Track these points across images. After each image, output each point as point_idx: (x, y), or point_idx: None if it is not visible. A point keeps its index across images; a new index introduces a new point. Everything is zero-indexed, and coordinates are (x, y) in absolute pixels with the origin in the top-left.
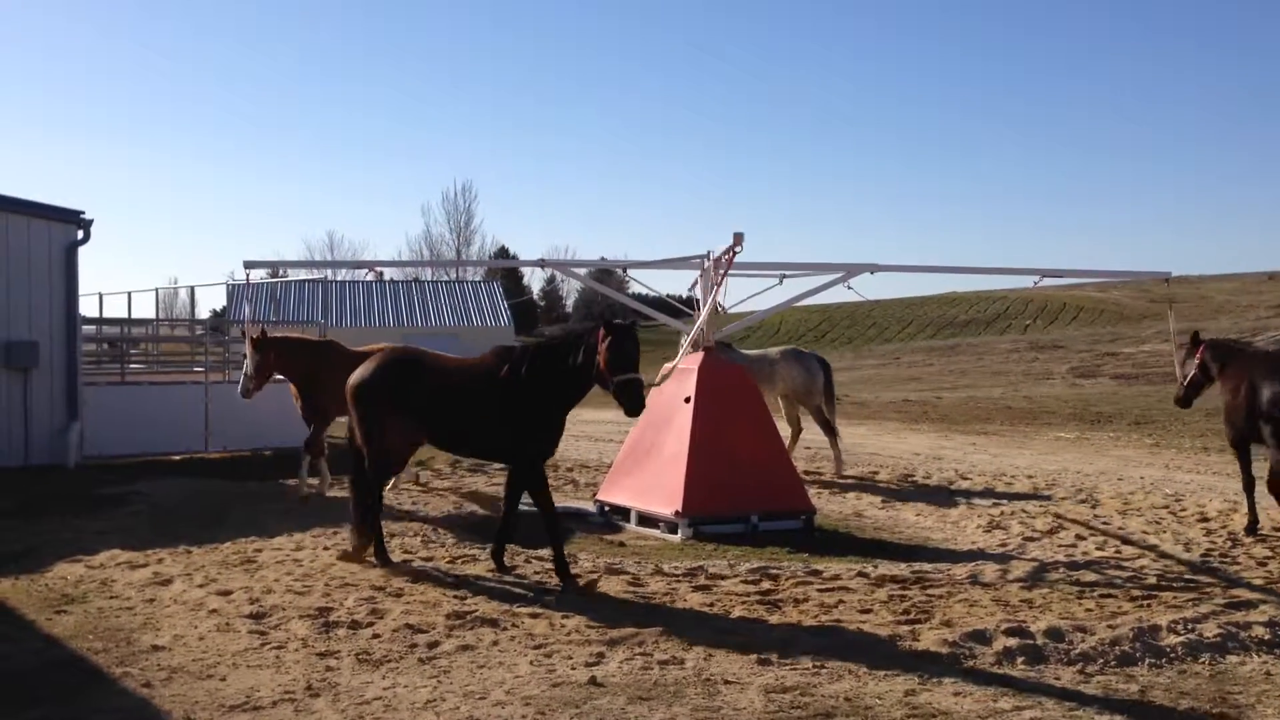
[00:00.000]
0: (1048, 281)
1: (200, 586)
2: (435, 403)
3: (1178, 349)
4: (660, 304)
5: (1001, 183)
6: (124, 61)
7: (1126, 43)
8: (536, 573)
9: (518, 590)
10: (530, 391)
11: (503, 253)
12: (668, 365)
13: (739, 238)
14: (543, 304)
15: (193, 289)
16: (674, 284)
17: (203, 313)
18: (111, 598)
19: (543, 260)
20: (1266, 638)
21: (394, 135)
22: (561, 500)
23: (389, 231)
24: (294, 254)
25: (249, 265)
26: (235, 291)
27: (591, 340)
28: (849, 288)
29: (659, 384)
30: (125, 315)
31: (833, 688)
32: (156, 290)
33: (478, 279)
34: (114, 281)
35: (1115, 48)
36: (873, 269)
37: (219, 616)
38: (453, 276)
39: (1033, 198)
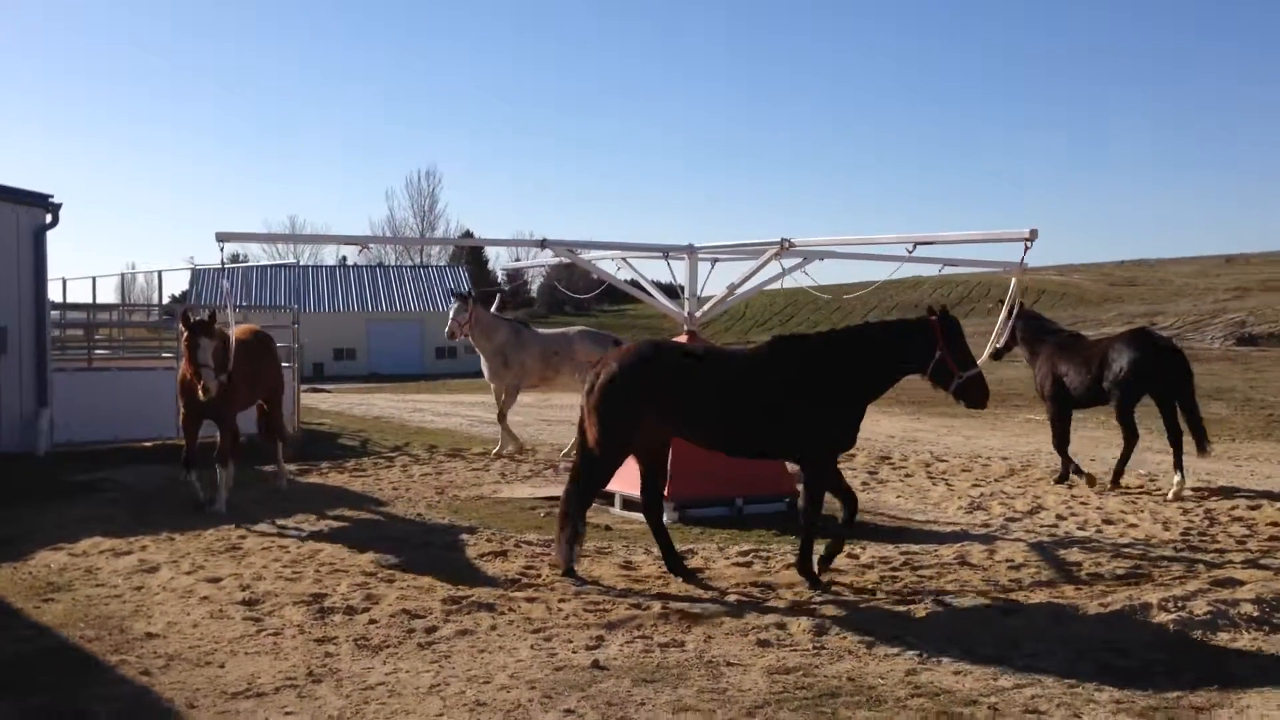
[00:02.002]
0: (922, 250)
1: (188, 574)
2: (709, 399)
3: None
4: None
5: (961, 165)
6: (80, 46)
7: (1085, 26)
8: (526, 556)
9: (512, 575)
10: (838, 382)
11: (467, 237)
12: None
13: None
14: (507, 288)
15: (160, 274)
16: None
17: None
18: (98, 585)
19: (545, 240)
20: (1255, 614)
21: (355, 119)
22: (543, 486)
23: (352, 216)
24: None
25: (222, 238)
26: (200, 276)
27: (927, 333)
28: (805, 274)
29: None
30: (90, 301)
31: (834, 668)
32: (122, 275)
33: (442, 264)
34: (69, 268)
35: (1074, 31)
36: (783, 243)
37: (211, 604)
38: (417, 261)
39: (995, 182)
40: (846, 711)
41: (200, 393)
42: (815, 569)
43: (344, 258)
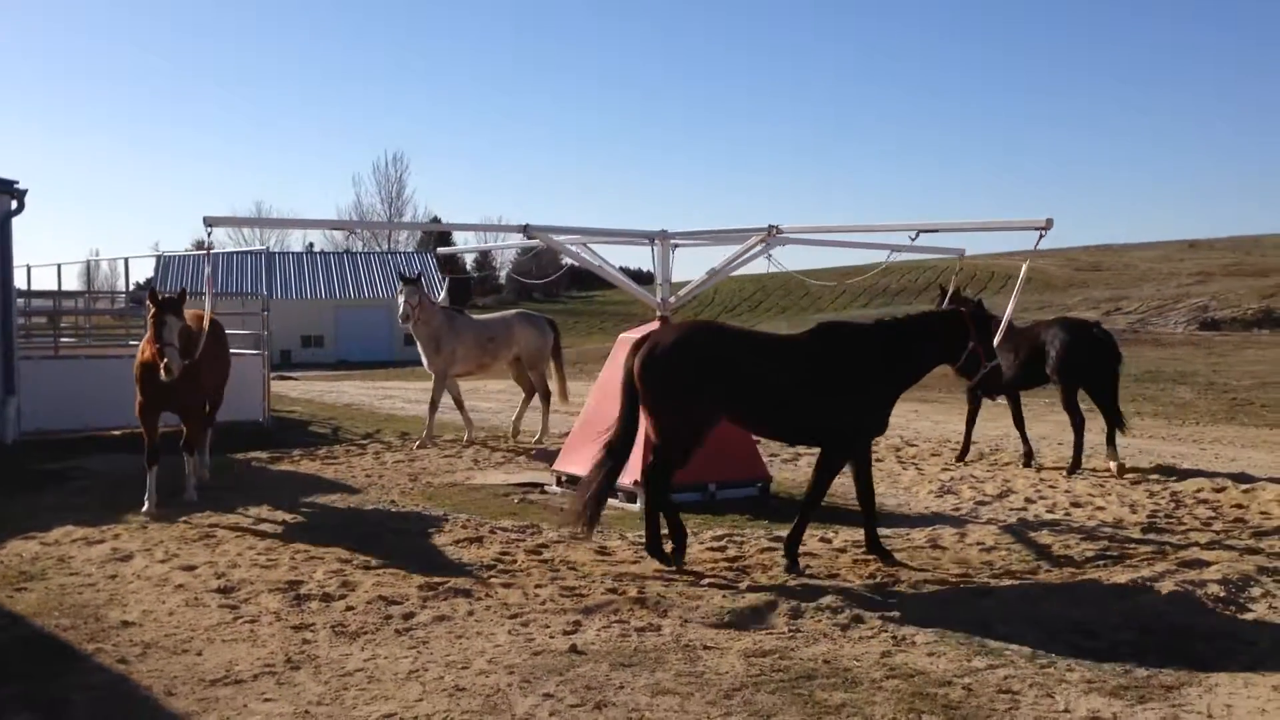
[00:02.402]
0: (924, 239)
1: (162, 562)
2: (764, 382)
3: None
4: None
5: (924, 153)
6: (42, 33)
7: (1044, 13)
8: (501, 542)
9: (488, 561)
10: (881, 370)
11: (435, 223)
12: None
13: None
14: (476, 276)
15: (126, 261)
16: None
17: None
18: (72, 574)
19: (526, 226)
20: (1222, 595)
21: (320, 104)
22: (517, 473)
23: (318, 202)
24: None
25: (210, 222)
26: (167, 263)
27: (964, 325)
28: (769, 259)
29: None
30: (55, 288)
31: (810, 650)
32: (87, 263)
33: (411, 250)
34: (34, 255)
35: (1034, 17)
36: (770, 231)
37: (186, 591)
38: (385, 248)
39: (956, 168)
40: (823, 693)
41: (162, 372)
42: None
43: (310, 244)
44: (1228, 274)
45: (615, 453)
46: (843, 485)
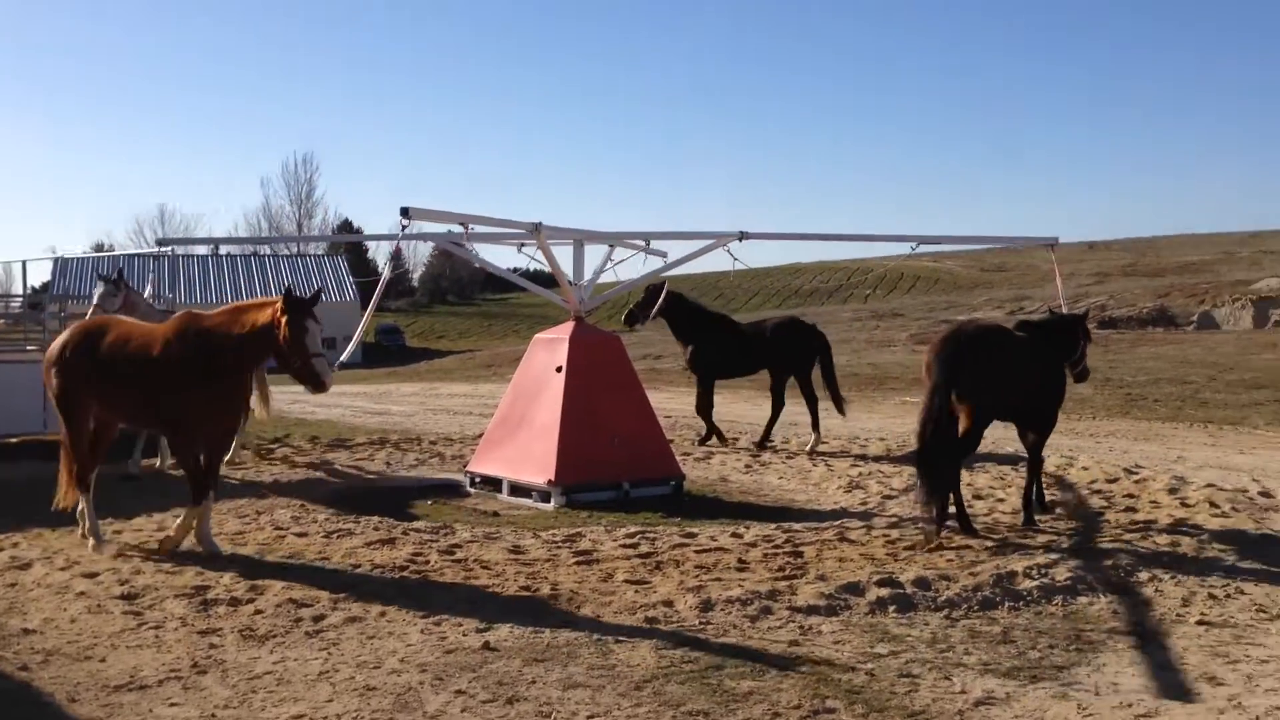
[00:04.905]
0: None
1: (62, 569)
2: (1014, 374)
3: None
4: (533, 276)
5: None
6: None
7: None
8: (414, 543)
9: (400, 562)
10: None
11: (346, 226)
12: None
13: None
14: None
15: (24, 264)
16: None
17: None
18: None
19: (466, 227)
20: (1113, 579)
21: (226, 103)
22: (429, 472)
23: (224, 204)
24: (122, 230)
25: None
26: (66, 266)
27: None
28: (729, 252)
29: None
30: None
31: (720, 642)
32: None
33: (320, 252)
34: None
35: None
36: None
37: (88, 599)
38: (294, 250)
39: (866, 173)
40: (731, 682)
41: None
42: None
43: (215, 246)
44: (1124, 274)
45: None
46: (755, 482)
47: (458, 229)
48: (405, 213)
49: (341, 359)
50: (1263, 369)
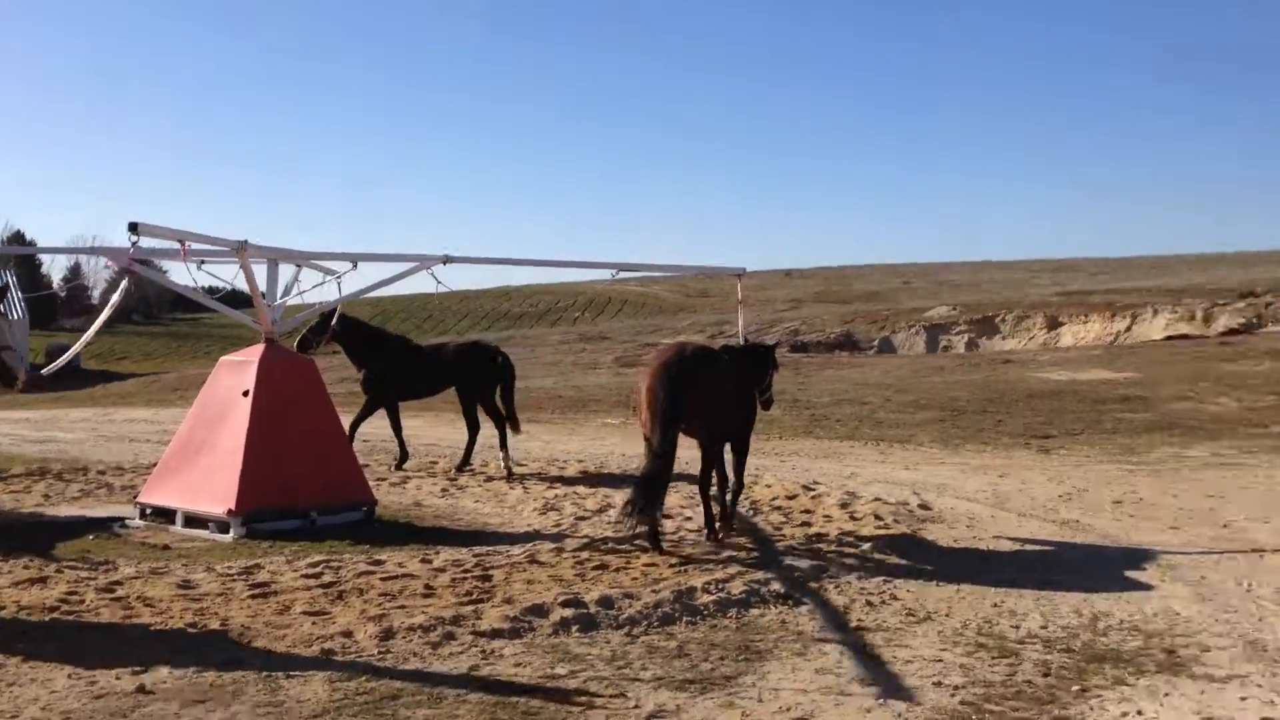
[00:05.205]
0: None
1: None
2: None
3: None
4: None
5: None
6: None
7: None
8: (69, 582)
9: (51, 602)
10: None
11: (18, 238)
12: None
13: None
14: (63, 295)
15: None
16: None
17: None
18: None
19: (184, 244)
20: (783, 591)
21: None
22: (95, 504)
23: None
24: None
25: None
26: None
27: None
28: (433, 275)
29: None
30: None
31: (399, 670)
32: None
33: None
34: None
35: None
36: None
37: None
38: None
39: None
40: (407, 711)
41: None
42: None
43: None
44: (816, 300)
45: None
46: (450, 505)
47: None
48: (134, 228)
49: (48, 369)
50: (930, 390)
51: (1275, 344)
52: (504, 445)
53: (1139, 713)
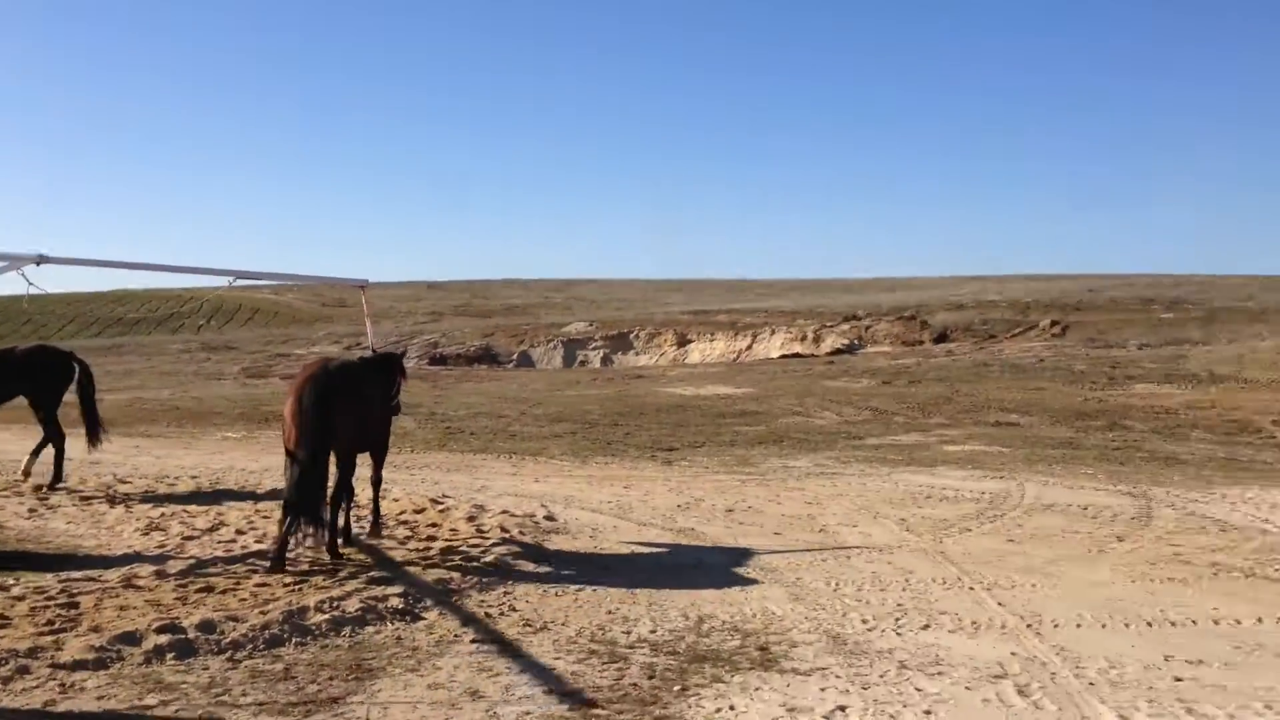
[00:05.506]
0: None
1: None
2: None
3: None
4: None
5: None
6: None
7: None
8: None
9: None
10: None
11: None
12: None
13: None
14: None
15: None
16: None
17: None
18: None
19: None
20: (400, 606)
21: None
22: None
23: None
24: None
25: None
26: None
27: None
28: (24, 276)
29: None
30: None
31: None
32: None
33: None
34: None
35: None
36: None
37: None
38: None
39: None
40: None
41: None
42: None
43: None
44: (457, 314)
45: None
46: (38, 528)
47: None
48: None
49: None
50: (564, 403)
51: (872, 364)
52: (37, 452)
53: (731, 708)
